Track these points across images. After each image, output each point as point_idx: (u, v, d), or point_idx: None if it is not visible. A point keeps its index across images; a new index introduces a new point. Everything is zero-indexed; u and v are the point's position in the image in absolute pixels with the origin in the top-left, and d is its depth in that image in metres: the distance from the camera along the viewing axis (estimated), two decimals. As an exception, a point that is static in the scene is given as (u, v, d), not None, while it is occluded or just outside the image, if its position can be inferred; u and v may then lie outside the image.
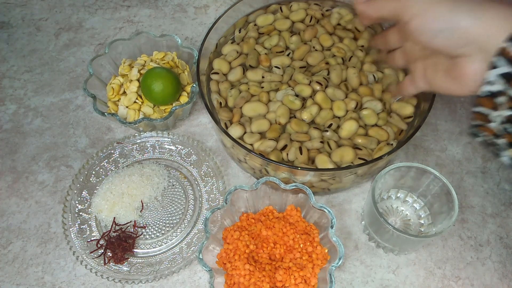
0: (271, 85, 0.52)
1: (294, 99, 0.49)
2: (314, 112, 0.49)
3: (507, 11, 0.34)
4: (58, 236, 0.51)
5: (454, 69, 0.38)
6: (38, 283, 0.48)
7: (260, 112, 0.50)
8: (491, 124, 0.37)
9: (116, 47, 0.59)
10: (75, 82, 0.64)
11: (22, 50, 0.68)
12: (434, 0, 0.37)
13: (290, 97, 0.50)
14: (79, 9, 0.72)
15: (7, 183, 0.55)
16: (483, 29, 0.34)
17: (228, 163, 0.56)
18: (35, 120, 0.60)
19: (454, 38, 0.36)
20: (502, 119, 0.36)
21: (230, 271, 0.42)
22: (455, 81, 0.38)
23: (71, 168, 0.56)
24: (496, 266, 0.48)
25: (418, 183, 0.48)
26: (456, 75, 0.38)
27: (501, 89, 0.34)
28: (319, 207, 0.44)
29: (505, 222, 0.51)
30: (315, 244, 0.44)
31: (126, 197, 0.50)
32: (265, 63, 0.53)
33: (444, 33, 0.36)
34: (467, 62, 0.36)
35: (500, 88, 0.34)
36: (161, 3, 0.73)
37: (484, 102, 0.36)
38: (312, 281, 0.42)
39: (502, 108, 0.35)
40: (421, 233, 0.48)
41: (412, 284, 0.47)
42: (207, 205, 0.52)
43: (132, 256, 0.49)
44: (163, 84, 0.54)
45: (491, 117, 0.36)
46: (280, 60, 0.53)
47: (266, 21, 0.57)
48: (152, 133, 0.56)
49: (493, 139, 0.38)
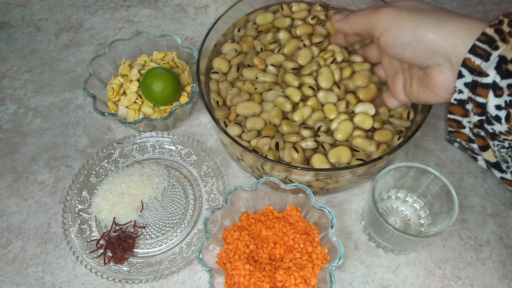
0: (264, 86, 0.51)
1: (285, 101, 0.49)
2: (306, 115, 0.49)
3: (467, 21, 0.37)
4: (58, 236, 0.51)
5: (426, 79, 0.40)
6: (38, 283, 0.48)
7: (255, 111, 0.50)
8: (464, 130, 0.39)
9: (116, 47, 0.59)
10: (75, 82, 0.64)
11: (22, 50, 0.68)
12: (401, 15, 0.39)
13: (281, 99, 0.49)
14: (79, 9, 0.73)
15: (7, 183, 0.55)
16: (446, 40, 0.37)
17: (228, 163, 0.56)
18: (35, 120, 0.60)
19: (420, 50, 0.38)
20: (472, 125, 0.38)
21: (230, 271, 0.42)
22: (429, 91, 0.41)
23: (71, 168, 0.56)
24: (496, 266, 0.48)
25: (418, 183, 0.48)
26: (428, 84, 0.40)
27: (469, 97, 0.36)
28: (319, 207, 0.44)
29: (505, 222, 0.51)
30: (315, 244, 0.44)
31: (126, 197, 0.50)
32: (260, 66, 0.52)
33: (411, 45, 0.39)
34: (436, 72, 0.39)
35: (467, 96, 0.36)
36: (161, 3, 0.73)
37: (456, 110, 0.38)
38: (312, 281, 0.42)
39: (471, 114, 0.37)
40: (421, 233, 0.48)
41: (412, 284, 0.47)
42: (207, 205, 0.52)
43: (132, 256, 0.49)
44: (163, 84, 0.54)
45: (464, 123, 0.39)
46: (275, 58, 0.53)
47: (266, 19, 0.57)
48: (152, 133, 0.56)
49: (468, 144, 0.40)
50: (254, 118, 0.49)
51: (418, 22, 0.38)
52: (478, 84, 0.35)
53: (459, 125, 0.39)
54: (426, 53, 0.38)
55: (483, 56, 0.34)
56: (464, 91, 0.37)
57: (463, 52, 0.36)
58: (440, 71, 0.38)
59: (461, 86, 0.36)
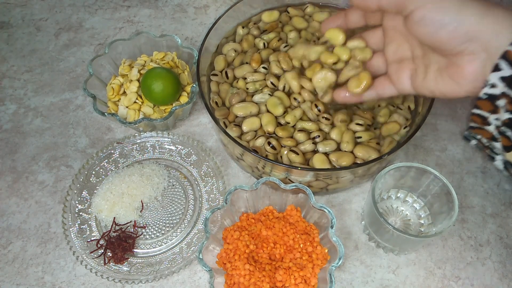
0: (255, 86, 0.51)
1: (278, 103, 0.48)
2: (298, 115, 0.48)
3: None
4: (58, 236, 0.51)
5: (451, 68, 0.37)
6: (38, 283, 0.48)
7: (252, 111, 0.49)
8: (489, 127, 0.37)
9: (116, 47, 0.59)
10: (75, 82, 0.64)
11: (22, 50, 0.68)
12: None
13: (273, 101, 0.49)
14: (79, 9, 0.73)
15: (7, 183, 0.55)
16: (489, 28, 0.34)
17: (228, 163, 0.56)
18: (35, 120, 0.60)
19: (458, 33, 0.35)
20: (500, 122, 0.36)
21: (230, 271, 0.42)
22: (451, 81, 0.38)
23: (71, 168, 0.56)
24: (496, 266, 0.48)
25: (418, 183, 0.48)
26: (453, 74, 0.37)
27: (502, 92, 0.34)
28: (319, 207, 0.44)
29: (505, 222, 0.51)
30: (315, 244, 0.44)
31: (126, 197, 0.50)
32: (255, 64, 0.52)
33: (449, 26, 0.35)
34: (467, 61, 0.35)
35: (501, 91, 0.34)
36: (161, 3, 0.73)
37: (484, 105, 0.36)
38: (312, 281, 0.42)
39: (502, 111, 0.35)
40: (421, 233, 0.48)
41: (412, 284, 0.47)
42: (207, 205, 0.52)
43: (132, 256, 0.49)
44: (163, 84, 0.54)
45: (490, 120, 0.36)
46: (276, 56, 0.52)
47: (271, 17, 0.57)
48: (152, 133, 0.56)
49: (490, 142, 0.38)
50: (252, 119, 0.49)
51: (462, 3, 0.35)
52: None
53: (484, 121, 0.37)
54: (464, 37, 0.35)
55: None
56: (498, 86, 0.34)
57: (505, 43, 0.33)
58: (472, 61, 0.35)
59: (496, 79, 0.34)
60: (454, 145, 0.56)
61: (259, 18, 0.58)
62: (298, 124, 0.48)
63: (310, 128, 0.48)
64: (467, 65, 0.35)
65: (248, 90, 0.51)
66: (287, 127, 0.48)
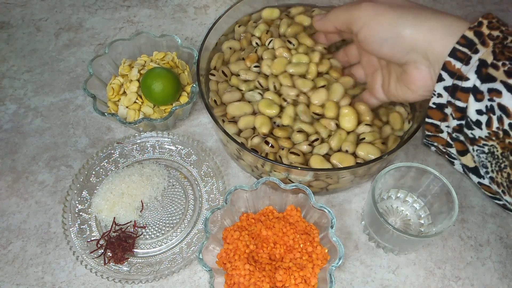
0: (249, 85, 0.51)
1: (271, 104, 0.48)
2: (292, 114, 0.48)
3: (446, 19, 0.36)
4: (58, 236, 0.51)
5: (403, 76, 0.40)
6: (38, 283, 0.48)
7: (246, 111, 0.49)
8: (442, 134, 0.39)
9: (116, 47, 0.59)
10: (75, 82, 0.64)
11: (22, 50, 0.68)
12: (379, 11, 0.39)
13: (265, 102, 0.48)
14: (79, 9, 0.73)
15: (7, 183, 0.55)
16: (424, 37, 0.36)
17: (228, 163, 0.56)
18: (35, 120, 0.60)
19: (398, 46, 0.38)
20: (451, 129, 0.37)
21: (230, 271, 0.42)
22: (406, 88, 0.40)
23: (71, 168, 0.56)
24: (496, 266, 0.48)
25: (418, 183, 0.48)
26: (405, 81, 0.40)
27: (448, 101, 0.36)
28: (319, 207, 0.44)
29: (505, 222, 0.51)
30: (315, 244, 0.44)
31: (126, 197, 0.50)
32: (249, 62, 0.52)
33: (389, 41, 0.38)
34: (413, 69, 0.38)
35: (446, 100, 0.36)
36: (161, 3, 0.73)
37: (434, 114, 0.38)
38: (312, 281, 0.42)
39: (450, 118, 0.37)
40: (421, 233, 0.48)
41: (412, 284, 0.47)
42: (207, 205, 0.52)
43: (132, 256, 0.49)
44: (163, 84, 0.54)
45: (442, 127, 0.39)
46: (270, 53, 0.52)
47: (272, 14, 0.57)
48: (152, 133, 0.56)
49: (445, 148, 0.40)
50: (247, 117, 0.49)
51: (396, 18, 0.37)
52: (458, 88, 0.35)
53: (437, 129, 0.39)
54: (403, 49, 0.38)
55: (463, 59, 0.34)
56: (443, 95, 0.36)
57: (441, 50, 0.35)
58: (417, 68, 0.38)
59: (441, 89, 0.36)
60: (454, 145, 0.56)
61: (260, 16, 0.58)
62: (296, 125, 0.48)
63: (309, 130, 0.48)
64: (415, 73, 0.38)
65: (242, 90, 0.51)
66: (286, 127, 0.48)
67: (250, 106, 0.49)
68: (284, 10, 0.58)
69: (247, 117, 0.49)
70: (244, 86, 0.51)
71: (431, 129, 0.40)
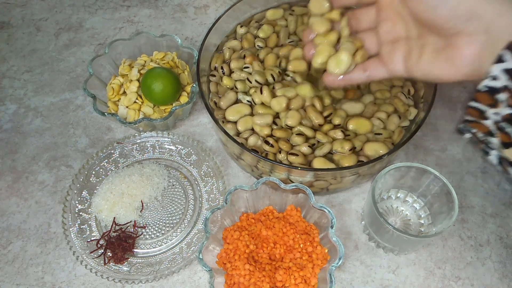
0: (245, 86, 0.51)
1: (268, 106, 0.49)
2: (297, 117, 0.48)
3: None
4: (58, 236, 0.51)
5: (448, 49, 0.35)
6: (38, 283, 0.48)
7: (245, 113, 0.49)
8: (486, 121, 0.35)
9: (116, 47, 0.59)
10: (75, 82, 0.64)
11: (22, 50, 0.68)
12: None
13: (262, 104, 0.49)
14: (79, 9, 0.73)
15: (7, 183, 0.55)
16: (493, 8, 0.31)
17: (228, 163, 0.56)
18: (35, 120, 0.60)
19: (460, 10, 0.33)
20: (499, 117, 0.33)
21: (230, 271, 0.42)
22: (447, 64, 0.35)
23: (71, 168, 0.56)
24: (496, 266, 0.48)
25: (418, 183, 0.48)
26: (450, 56, 0.35)
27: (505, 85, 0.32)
28: (319, 207, 0.44)
29: (505, 222, 0.51)
30: (315, 244, 0.44)
31: (126, 197, 0.50)
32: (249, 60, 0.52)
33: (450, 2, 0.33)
34: (466, 42, 0.33)
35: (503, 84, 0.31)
36: (161, 3, 0.73)
37: (483, 98, 0.33)
38: (312, 281, 0.42)
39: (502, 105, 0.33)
40: (421, 233, 0.48)
41: (412, 284, 0.47)
42: (207, 205, 0.52)
43: (132, 256, 0.49)
44: (163, 84, 0.54)
45: (488, 114, 0.34)
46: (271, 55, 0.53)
47: (276, 15, 0.57)
48: (152, 133, 0.56)
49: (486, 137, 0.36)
50: (245, 118, 0.49)
51: None
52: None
53: (481, 115, 0.35)
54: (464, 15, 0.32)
55: None
56: (500, 78, 0.31)
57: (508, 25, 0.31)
58: (471, 42, 0.33)
59: (499, 72, 0.31)
60: (454, 145, 0.56)
61: (263, 16, 0.58)
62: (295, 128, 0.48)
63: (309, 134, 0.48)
64: (465, 47, 0.33)
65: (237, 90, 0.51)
66: (286, 129, 0.48)
67: (247, 108, 0.50)
68: (287, 9, 0.58)
69: (246, 118, 0.49)
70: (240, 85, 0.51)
71: (475, 113, 0.35)
